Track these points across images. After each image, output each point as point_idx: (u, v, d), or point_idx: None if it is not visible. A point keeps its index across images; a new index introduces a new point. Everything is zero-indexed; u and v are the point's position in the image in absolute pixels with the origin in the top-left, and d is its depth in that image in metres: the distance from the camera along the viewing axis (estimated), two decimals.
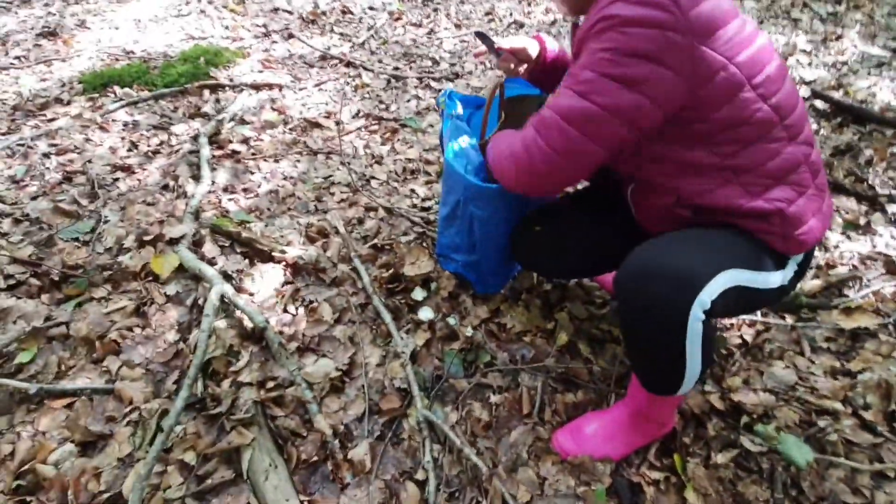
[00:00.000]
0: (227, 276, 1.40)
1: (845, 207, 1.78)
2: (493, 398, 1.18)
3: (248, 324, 1.26)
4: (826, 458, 1.07)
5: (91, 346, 1.23)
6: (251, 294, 1.37)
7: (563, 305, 1.41)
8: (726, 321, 1.37)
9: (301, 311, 1.35)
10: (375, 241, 1.59)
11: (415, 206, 1.76)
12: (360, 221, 1.67)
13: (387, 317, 1.32)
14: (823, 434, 1.11)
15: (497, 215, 1.20)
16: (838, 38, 2.95)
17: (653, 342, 0.86)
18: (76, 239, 1.53)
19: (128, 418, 1.09)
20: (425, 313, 1.36)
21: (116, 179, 1.78)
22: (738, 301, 0.86)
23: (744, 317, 1.38)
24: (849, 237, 1.68)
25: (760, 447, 1.09)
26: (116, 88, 2.29)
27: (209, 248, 1.48)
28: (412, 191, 1.83)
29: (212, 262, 1.43)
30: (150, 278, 1.40)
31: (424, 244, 1.57)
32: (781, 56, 2.74)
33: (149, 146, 1.97)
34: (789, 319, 1.40)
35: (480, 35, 1.20)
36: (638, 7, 0.75)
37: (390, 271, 1.45)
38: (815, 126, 2.19)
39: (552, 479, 1.03)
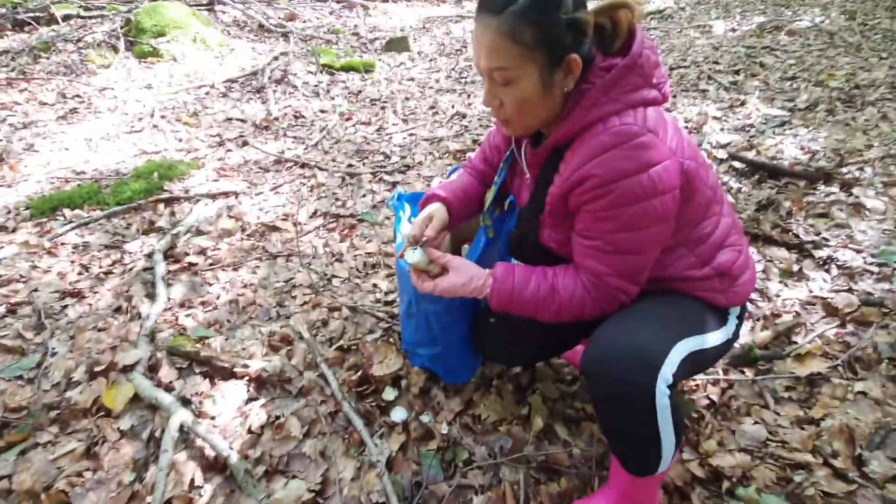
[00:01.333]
0: (185, 402, 1.34)
1: (777, 257, 1.92)
2: (476, 500, 1.14)
3: (210, 452, 1.19)
4: None
5: (37, 499, 1.12)
6: (212, 418, 1.31)
7: (534, 387, 1.41)
8: (691, 384, 1.41)
9: (267, 429, 1.29)
10: (341, 342, 1.57)
11: (378, 301, 1.77)
12: (325, 323, 1.66)
13: (358, 423, 1.28)
14: (801, 489, 1.13)
15: (451, 307, 1.22)
16: (742, 103, 3.33)
17: (626, 424, 0.89)
18: (20, 377, 1.43)
19: None
20: (398, 414, 1.33)
21: (65, 307, 1.72)
22: (693, 365, 0.92)
23: (708, 377, 1.42)
24: (786, 285, 1.79)
25: None
26: (66, 211, 2.27)
27: (166, 373, 1.42)
28: (374, 285, 1.85)
29: (169, 388, 1.37)
30: (102, 413, 1.32)
31: (391, 339, 1.57)
32: (697, 126, 3.06)
33: (100, 267, 1.93)
34: (749, 373, 1.45)
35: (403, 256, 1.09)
36: (630, 151, 0.79)
37: (359, 373, 1.43)
38: (735, 185, 2.41)
39: None
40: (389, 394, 1.39)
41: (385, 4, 6.67)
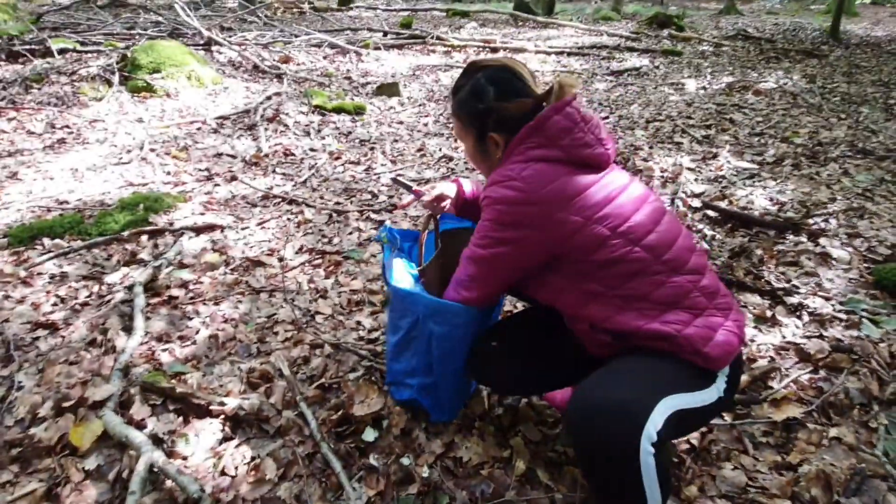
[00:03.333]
0: (157, 441, 1.29)
1: (751, 303, 1.98)
2: None
3: (180, 495, 1.14)
4: None
5: None
6: (185, 458, 1.26)
7: (516, 429, 1.40)
8: None
9: (241, 470, 1.25)
10: (322, 380, 1.55)
11: (362, 338, 1.76)
12: (306, 360, 1.64)
13: (337, 465, 1.25)
14: None
15: (455, 332, 1.23)
16: (714, 156, 3.51)
17: (610, 480, 0.89)
18: None
19: None
20: (378, 457, 1.30)
21: (36, 338, 1.67)
22: (681, 424, 0.91)
23: None
24: (760, 330, 1.84)
25: None
26: (46, 240, 2.24)
27: (138, 410, 1.37)
28: (358, 323, 1.84)
29: (141, 426, 1.32)
30: (67, 452, 1.26)
31: (373, 378, 1.55)
32: (672, 176, 3.20)
33: (77, 299, 1.89)
34: (728, 418, 1.46)
35: (396, 181, 1.37)
36: (501, 189, 1.03)
37: (339, 413, 1.41)
38: (710, 232, 2.50)
39: None
40: (370, 434, 1.36)
41: (377, 51, 6.95)
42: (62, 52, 4.99)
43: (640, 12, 13.11)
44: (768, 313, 1.90)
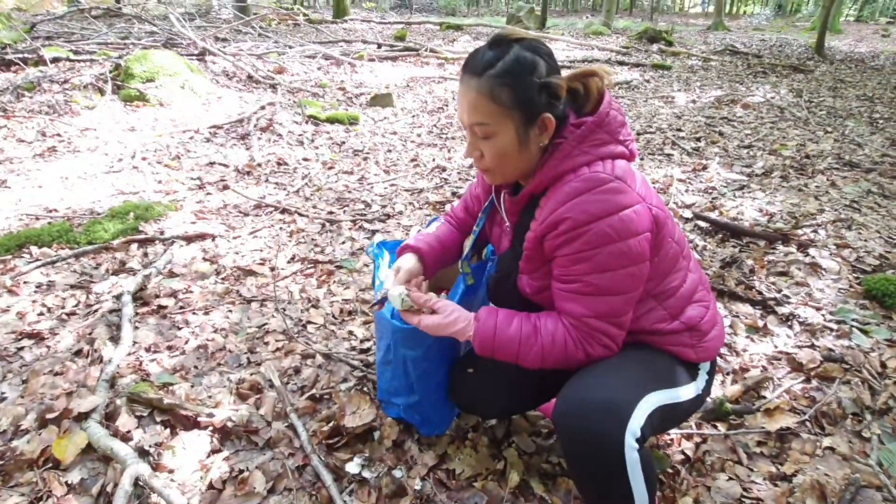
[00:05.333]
0: (143, 453, 1.26)
1: (743, 313, 1.99)
2: None
3: None
4: None
5: None
6: (171, 471, 1.23)
7: (510, 441, 1.39)
8: (666, 438, 1.41)
9: (229, 483, 1.22)
10: (313, 391, 1.53)
11: (354, 348, 1.74)
12: (297, 371, 1.62)
13: (328, 479, 1.23)
14: None
15: (429, 353, 1.21)
16: (704, 168, 3.55)
17: (597, 479, 0.88)
18: None
19: None
20: (369, 470, 1.28)
21: (21, 348, 1.63)
22: (663, 420, 0.92)
23: (682, 431, 1.42)
24: (753, 340, 1.85)
25: None
26: (33, 248, 2.20)
27: (124, 421, 1.34)
28: (350, 333, 1.82)
29: (126, 438, 1.29)
30: (50, 465, 1.23)
31: (365, 389, 1.53)
32: (664, 187, 3.23)
33: (63, 308, 1.86)
34: (721, 428, 1.46)
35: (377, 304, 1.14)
36: (601, 195, 0.84)
37: (330, 424, 1.38)
38: (701, 243, 2.52)
39: None
40: (362, 446, 1.34)
41: (371, 63, 7.00)
42: (55, 60, 4.98)
43: (630, 27, 13.35)
44: (760, 323, 1.91)
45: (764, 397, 1.56)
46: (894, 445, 1.34)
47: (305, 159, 3.64)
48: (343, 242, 2.48)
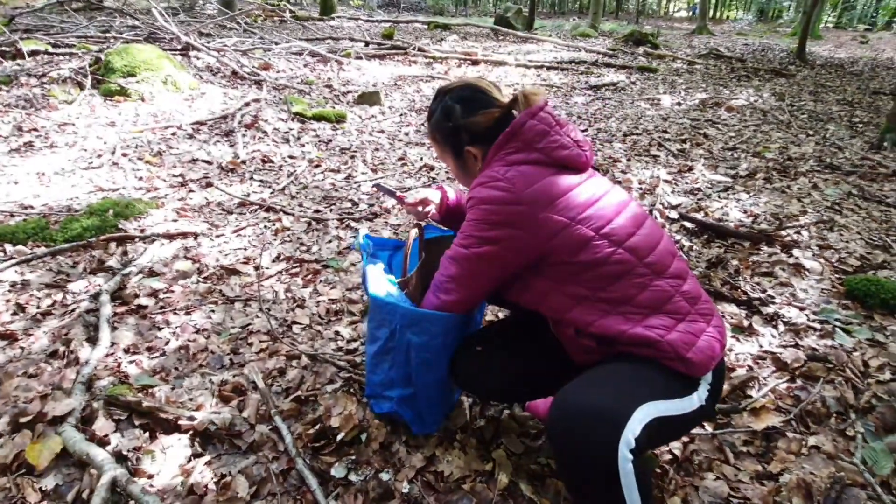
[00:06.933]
0: (121, 458, 1.22)
1: (728, 313, 2.01)
2: None
3: None
4: None
5: None
6: (150, 476, 1.19)
7: (499, 442, 1.37)
8: None
9: (211, 488, 1.19)
10: (299, 392, 1.49)
11: (340, 349, 1.71)
12: (282, 372, 1.58)
13: (313, 482, 1.20)
14: None
15: (434, 341, 1.20)
16: (690, 169, 3.59)
17: (590, 486, 0.87)
18: None
19: None
20: (356, 473, 1.26)
21: None
22: (661, 431, 0.90)
23: None
24: (738, 340, 1.87)
25: None
26: (7, 246, 2.13)
27: (101, 425, 1.29)
28: (337, 333, 1.79)
29: (104, 442, 1.25)
30: (24, 471, 1.18)
31: (352, 390, 1.51)
32: (650, 188, 3.25)
33: (39, 308, 1.79)
34: (709, 427, 1.47)
35: (379, 186, 1.34)
36: (486, 189, 1.03)
37: (316, 427, 1.35)
38: (687, 243, 2.54)
39: None
40: (348, 449, 1.31)
41: (359, 61, 6.95)
42: (33, 54, 4.84)
43: (617, 30, 13.48)
44: (745, 323, 1.92)
45: (750, 396, 1.57)
46: (878, 444, 1.36)
47: (291, 157, 3.59)
48: (330, 241, 2.45)
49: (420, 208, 1.38)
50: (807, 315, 1.93)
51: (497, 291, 1.17)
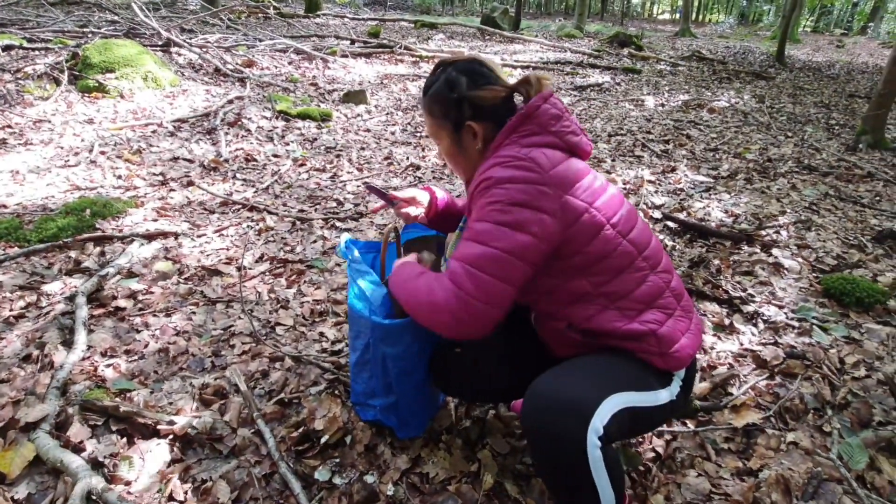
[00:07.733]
0: (97, 465, 1.19)
1: (710, 311, 2.04)
2: None
3: None
4: None
5: None
6: (127, 483, 1.16)
7: (484, 442, 1.37)
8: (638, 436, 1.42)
9: (191, 495, 1.16)
10: (282, 395, 1.47)
11: (325, 350, 1.69)
12: (265, 374, 1.56)
13: (296, 486, 1.18)
14: None
15: (409, 350, 1.20)
16: (673, 170, 3.63)
17: (562, 477, 0.88)
18: None
19: None
20: (340, 475, 1.24)
21: None
22: (632, 422, 0.92)
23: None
24: (720, 338, 1.90)
25: None
26: None
27: (77, 431, 1.26)
28: (321, 334, 1.77)
29: (79, 449, 1.22)
30: None
31: (337, 392, 1.49)
32: (634, 188, 3.29)
33: (11, 310, 1.74)
34: (690, 425, 1.48)
35: (371, 188, 1.31)
36: (506, 169, 0.94)
37: (300, 430, 1.34)
38: (670, 243, 2.57)
39: None
40: (332, 452, 1.30)
41: (344, 59, 6.89)
42: (7, 48, 4.69)
43: (602, 31, 13.60)
44: (726, 321, 1.95)
45: (730, 394, 1.59)
46: (853, 439, 1.39)
47: (275, 156, 3.54)
48: (314, 241, 2.42)
49: (409, 208, 1.34)
50: (785, 313, 1.96)
51: None
